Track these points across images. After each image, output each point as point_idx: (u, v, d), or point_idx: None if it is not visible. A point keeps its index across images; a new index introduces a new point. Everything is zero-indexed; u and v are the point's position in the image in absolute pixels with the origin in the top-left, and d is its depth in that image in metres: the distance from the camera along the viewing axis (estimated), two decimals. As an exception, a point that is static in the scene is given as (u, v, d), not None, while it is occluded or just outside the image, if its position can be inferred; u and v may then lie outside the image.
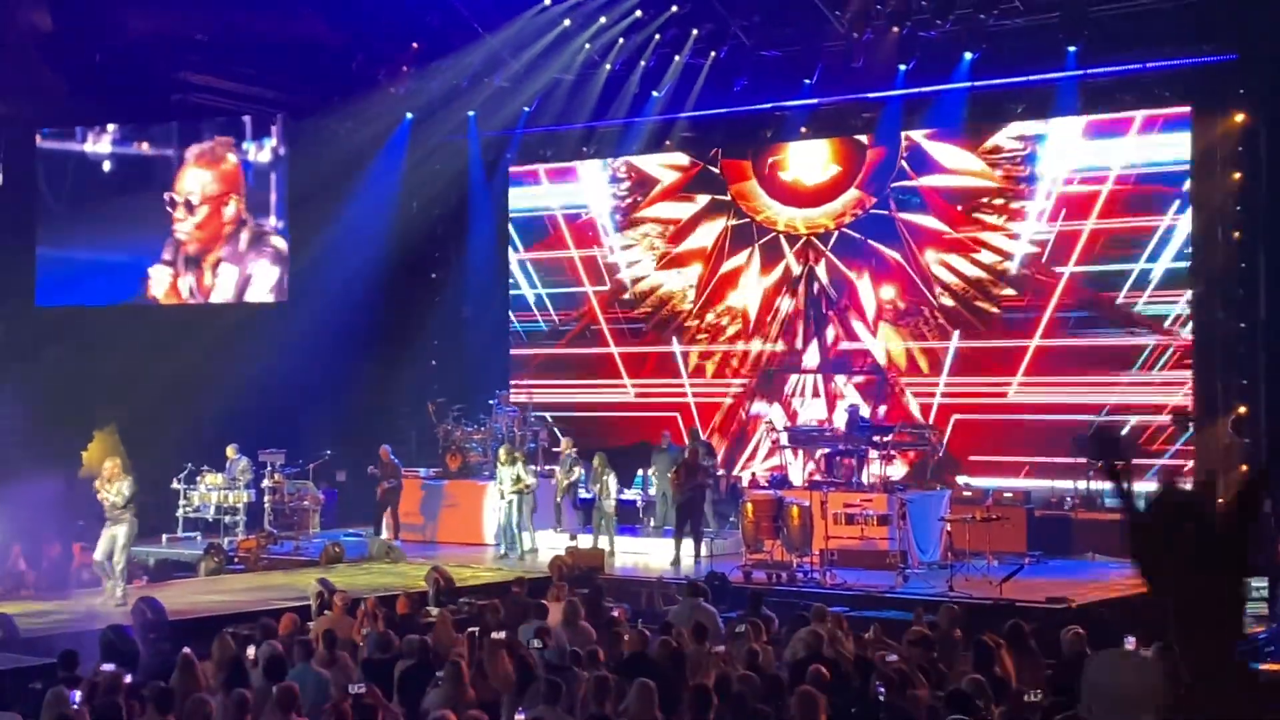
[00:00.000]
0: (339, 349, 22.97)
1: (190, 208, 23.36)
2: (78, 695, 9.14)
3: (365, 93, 22.93)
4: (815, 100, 22.18)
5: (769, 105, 22.69)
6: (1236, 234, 19.26)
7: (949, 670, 10.31)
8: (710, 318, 23.65)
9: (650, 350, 24.18)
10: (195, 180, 23.25)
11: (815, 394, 22.67)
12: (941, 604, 13.37)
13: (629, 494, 21.37)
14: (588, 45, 22.33)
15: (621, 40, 22.20)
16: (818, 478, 19.64)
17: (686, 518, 18.87)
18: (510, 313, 25.53)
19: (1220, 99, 19.43)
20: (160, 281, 23.48)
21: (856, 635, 11.79)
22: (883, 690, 9.24)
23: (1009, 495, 19.69)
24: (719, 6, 21.42)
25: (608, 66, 22.77)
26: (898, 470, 20.59)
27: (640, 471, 21.68)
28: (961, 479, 20.68)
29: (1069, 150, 20.73)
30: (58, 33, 20.62)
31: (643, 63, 22.47)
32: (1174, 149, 19.96)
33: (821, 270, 22.66)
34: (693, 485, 18.83)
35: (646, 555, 19.66)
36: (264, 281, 23.13)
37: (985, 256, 21.30)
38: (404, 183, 24.75)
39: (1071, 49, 19.73)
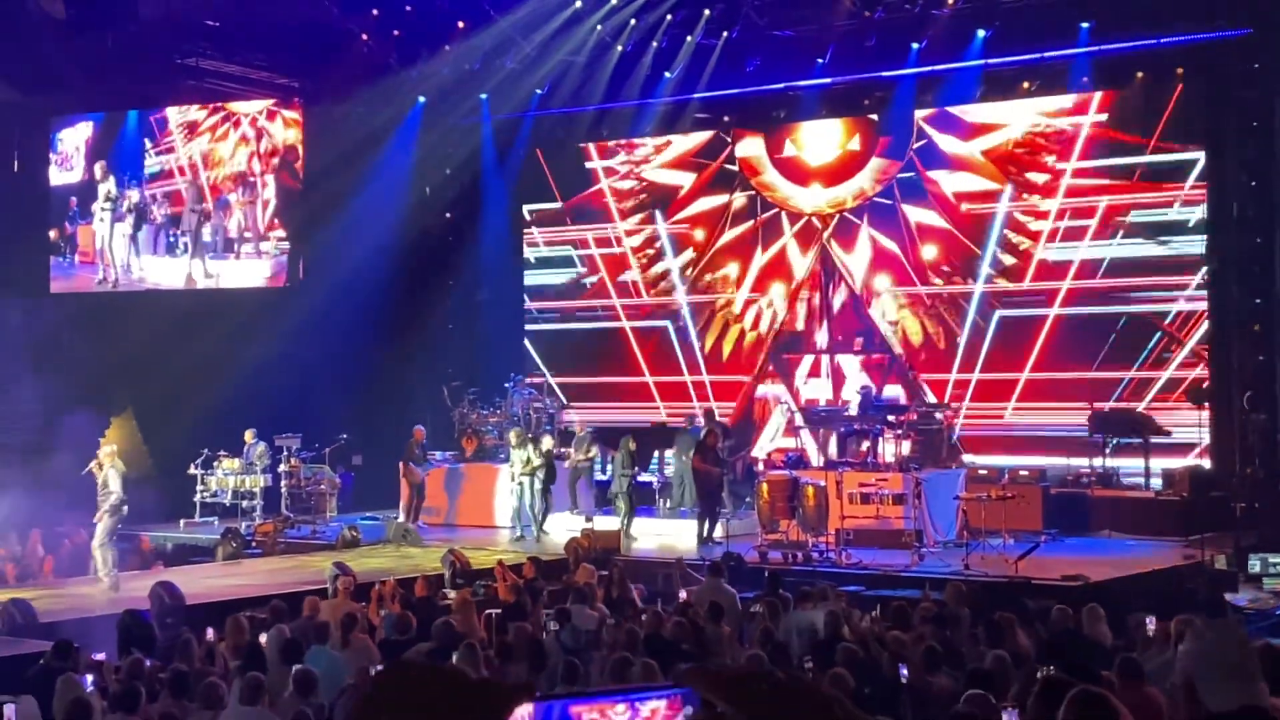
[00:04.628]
0: (354, 333, 22.99)
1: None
2: (89, 680, 9.19)
3: (377, 76, 22.90)
4: (828, 79, 22.10)
5: (782, 85, 22.62)
6: (1251, 210, 19.18)
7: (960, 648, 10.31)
8: (723, 297, 23.65)
9: (655, 325, 24.24)
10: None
11: (816, 374, 22.72)
12: (949, 581, 13.39)
13: (645, 476, 21.32)
14: (599, 27, 22.27)
15: (633, 21, 22.11)
16: (834, 456, 19.57)
17: (709, 502, 18.82)
18: (525, 296, 25.56)
19: (1234, 74, 19.34)
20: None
21: (865, 615, 11.81)
22: (905, 671, 9.23)
23: (1025, 473, 19.59)
24: (730, -14, 21.37)
25: (619, 48, 22.69)
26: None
27: (657, 454, 21.66)
28: (971, 458, 20.63)
29: (1081, 127, 20.65)
30: (70, 20, 20.66)
31: (654, 44, 22.38)
32: (1187, 125, 19.87)
33: (834, 249, 22.62)
34: (719, 472, 18.78)
35: (663, 536, 19.65)
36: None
37: (996, 237, 21.27)
38: (417, 166, 24.72)
39: (1084, 25, 19.67)
